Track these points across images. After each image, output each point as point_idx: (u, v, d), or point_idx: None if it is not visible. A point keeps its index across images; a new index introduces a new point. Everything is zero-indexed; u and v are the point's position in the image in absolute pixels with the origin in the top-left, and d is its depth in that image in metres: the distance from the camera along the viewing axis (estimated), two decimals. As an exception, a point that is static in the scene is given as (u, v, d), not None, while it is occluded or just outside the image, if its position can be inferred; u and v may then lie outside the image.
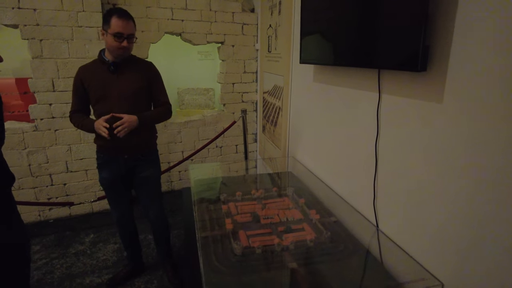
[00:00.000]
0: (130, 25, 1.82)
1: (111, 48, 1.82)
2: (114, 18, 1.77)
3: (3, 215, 1.38)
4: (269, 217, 1.84)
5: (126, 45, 1.81)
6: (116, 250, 2.65)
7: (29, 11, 2.66)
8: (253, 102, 3.84)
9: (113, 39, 1.78)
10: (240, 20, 3.52)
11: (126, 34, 1.80)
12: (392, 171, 1.46)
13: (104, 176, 2.01)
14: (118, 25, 1.76)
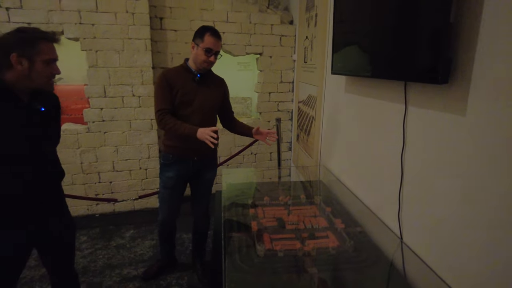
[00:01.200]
0: (219, 43, 2.01)
1: (199, 61, 2.01)
2: (207, 35, 1.96)
3: (54, 204, 1.57)
4: (294, 223, 1.89)
5: (213, 60, 2.01)
6: (152, 246, 2.83)
7: (88, 25, 2.97)
8: (289, 111, 3.91)
9: (203, 53, 1.97)
10: (279, 32, 3.63)
11: (215, 51, 1.99)
12: (417, 183, 1.45)
13: (171, 175, 2.16)
14: (210, 41, 1.96)
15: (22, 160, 1.37)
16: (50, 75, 1.38)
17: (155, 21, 3.26)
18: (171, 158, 2.15)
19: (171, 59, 3.40)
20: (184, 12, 3.34)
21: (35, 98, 1.39)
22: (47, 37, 1.34)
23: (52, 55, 1.36)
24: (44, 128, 1.45)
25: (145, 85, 3.21)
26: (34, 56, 1.30)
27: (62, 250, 1.67)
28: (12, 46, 1.28)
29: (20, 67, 1.29)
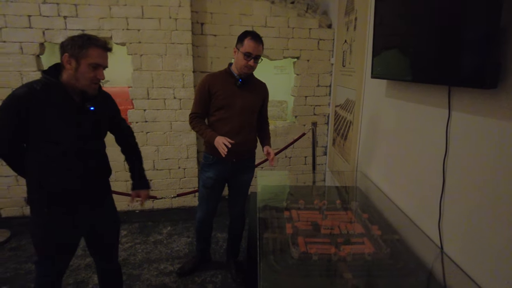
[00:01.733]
0: (259, 47, 2.01)
1: (239, 65, 2.06)
2: (247, 39, 1.99)
3: (102, 198, 1.69)
4: (330, 228, 1.88)
5: (253, 64, 2.03)
6: (188, 243, 2.92)
7: (134, 31, 3.15)
8: (325, 115, 3.88)
9: (243, 57, 2.01)
10: (317, 36, 3.62)
11: (254, 55, 2.01)
12: (461, 191, 1.40)
13: (210, 175, 2.24)
14: (250, 45, 1.98)
15: (72, 156, 1.49)
16: (93, 79, 1.45)
17: (196, 26, 3.38)
18: (211, 159, 2.22)
19: (210, 63, 3.51)
20: (224, 18, 3.43)
21: (87, 99, 1.50)
22: (97, 43, 1.44)
23: (98, 60, 1.44)
24: (94, 127, 1.56)
25: (185, 88, 3.34)
26: (81, 58, 1.40)
27: (107, 241, 1.78)
28: (66, 48, 1.40)
29: (69, 66, 1.41)
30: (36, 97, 1.39)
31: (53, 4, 2.99)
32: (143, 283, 2.40)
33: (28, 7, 2.96)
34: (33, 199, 1.52)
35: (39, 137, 1.44)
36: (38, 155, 1.46)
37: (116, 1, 3.06)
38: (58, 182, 1.48)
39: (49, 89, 1.42)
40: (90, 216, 1.63)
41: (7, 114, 1.39)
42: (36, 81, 1.44)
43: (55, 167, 1.46)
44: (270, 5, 3.49)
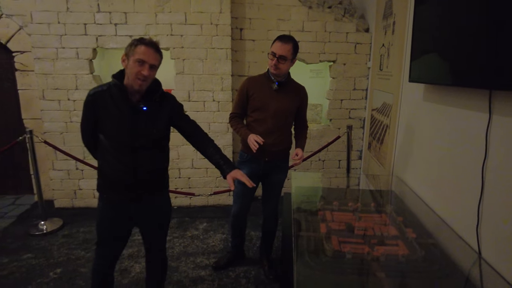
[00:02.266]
0: (284, 47, 2.07)
1: (269, 66, 2.15)
2: (275, 41, 2.10)
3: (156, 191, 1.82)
4: (363, 229, 1.91)
5: (276, 63, 2.09)
6: (223, 239, 3.04)
7: (177, 36, 3.34)
8: (361, 119, 3.86)
9: (269, 57, 2.11)
10: (354, 40, 3.63)
11: (278, 55, 2.07)
12: (500, 195, 1.39)
13: (244, 172, 2.32)
14: (275, 46, 2.09)
15: (124, 150, 1.64)
16: (138, 74, 1.56)
17: (235, 31, 3.52)
18: (246, 157, 2.33)
19: (248, 67, 3.63)
20: (262, 23, 3.54)
21: (146, 98, 1.65)
22: (144, 41, 1.57)
23: (142, 57, 1.54)
24: (147, 126, 1.70)
25: (224, 91, 3.48)
26: (130, 55, 1.56)
27: (157, 233, 1.92)
28: (125, 49, 1.58)
29: (124, 64, 1.59)
30: (102, 96, 1.60)
31: (106, 13, 3.25)
32: (181, 275, 2.54)
33: (84, 16, 3.24)
34: (98, 185, 1.71)
35: (101, 130, 1.63)
36: (102, 146, 1.65)
37: (161, 9, 3.27)
38: (112, 173, 1.64)
39: (113, 89, 1.60)
40: (143, 208, 1.77)
41: (85, 109, 1.65)
42: (106, 83, 1.65)
43: (110, 159, 1.63)
44: (308, 10, 3.55)
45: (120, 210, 1.72)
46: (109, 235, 1.77)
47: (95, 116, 1.60)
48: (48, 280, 2.46)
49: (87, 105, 1.62)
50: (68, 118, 3.44)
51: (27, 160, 3.82)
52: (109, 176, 1.66)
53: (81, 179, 3.61)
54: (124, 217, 1.74)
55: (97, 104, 1.59)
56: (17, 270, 2.57)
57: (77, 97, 3.40)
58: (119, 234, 1.79)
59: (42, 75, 3.34)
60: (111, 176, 1.65)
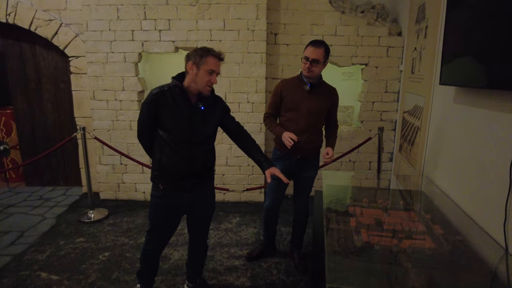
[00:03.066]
0: (316, 51, 2.20)
1: (302, 69, 2.30)
2: (308, 46, 2.23)
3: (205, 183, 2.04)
4: (392, 224, 2.00)
5: (309, 67, 2.23)
6: (255, 233, 3.21)
7: (216, 42, 3.56)
8: (392, 121, 3.90)
9: (302, 60, 2.26)
10: (386, 44, 3.69)
11: (311, 59, 2.21)
12: (526, 194, 1.45)
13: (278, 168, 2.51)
14: (308, 50, 2.23)
15: (183, 145, 1.85)
16: (208, 82, 1.81)
17: (270, 36, 3.69)
18: (279, 154, 2.49)
19: (281, 70, 3.78)
20: (296, 28, 3.69)
21: (201, 99, 1.86)
22: (214, 54, 1.80)
23: (213, 67, 1.79)
24: (203, 123, 1.89)
25: (258, 93, 3.66)
26: (200, 65, 1.76)
27: (202, 222, 2.13)
28: (191, 57, 1.78)
29: (191, 72, 1.78)
30: (164, 95, 1.80)
31: (152, 20, 3.53)
32: (216, 263, 2.73)
33: (132, 24, 3.54)
34: (154, 176, 1.92)
35: (162, 126, 1.83)
36: (161, 141, 1.86)
37: (202, 16, 3.50)
38: (170, 164, 1.85)
39: (173, 90, 1.81)
40: (193, 198, 1.97)
41: (147, 107, 1.83)
42: (167, 84, 1.86)
43: (169, 152, 1.84)
44: (340, 15, 3.66)
45: (174, 198, 1.93)
46: (162, 222, 1.98)
47: (156, 113, 1.81)
48: (99, 262, 2.73)
49: (150, 103, 1.80)
50: (115, 116, 3.76)
51: (76, 155, 4.19)
52: (167, 167, 1.86)
53: (125, 173, 3.91)
54: (177, 205, 1.95)
55: (159, 103, 1.79)
56: (72, 251, 2.87)
57: (123, 97, 3.71)
58: (171, 221, 2.00)
59: (94, 77, 3.68)
60: (169, 167, 1.86)
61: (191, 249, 2.23)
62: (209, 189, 2.10)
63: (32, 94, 4.20)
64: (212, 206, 2.15)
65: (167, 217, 1.97)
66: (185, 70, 1.84)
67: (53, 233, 3.19)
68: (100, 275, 2.56)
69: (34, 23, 3.80)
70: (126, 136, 3.80)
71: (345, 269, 1.63)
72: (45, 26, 3.80)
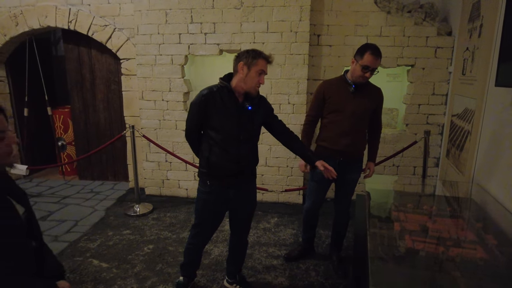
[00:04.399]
0: (377, 61, 2.17)
1: (355, 75, 2.25)
2: (367, 54, 2.15)
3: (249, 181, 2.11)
4: (438, 231, 1.92)
5: (368, 76, 2.22)
6: (293, 234, 3.21)
7: (259, 44, 3.62)
8: (439, 125, 3.73)
9: (360, 69, 2.19)
10: (434, 44, 3.54)
11: (372, 68, 2.18)
12: None
13: (318, 170, 2.38)
14: (369, 60, 2.15)
15: (231, 143, 1.91)
16: (258, 83, 1.89)
17: (313, 38, 3.68)
18: (320, 156, 2.46)
19: (324, 71, 3.76)
20: (340, 29, 3.65)
21: (247, 99, 1.92)
22: (265, 56, 1.88)
23: (263, 68, 1.87)
24: (250, 122, 1.96)
25: (299, 95, 3.66)
26: (252, 66, 1.83)
27: (244, 218, 2.19)
28: (242, 57, 1.85)
29: (242, 72, 1.85)
30: (213, 96, 1.88)
31: (198, 24, 3.66)
32: (255, 261, 2.78)
33: (179, 27, 3.70)
34: (202, 173, 2.01)
35: (211, 126, 1.91)
36: (209, 139, 1.94)
37: (246, 18, 3.58)
38: (219, 162, 1.93)
39: (222, 91, 1.89)
40: (238, 194, 2.05)
41: (196, 108, 1.91)
42: (215, 84, 1.94)
43: (217, 150, 1.92)
44: (386, 15, 3.57)
45: (220, 194, 2.00)
46: (208, 217, 2.07)
47: (206, 114, 1.89)
48: (144, 253, 2.88)
49: (200, 104, 1.88)
50: (162, 116, 3.94)
51: (124, 151, 4.44)
52: (216, 164, 1.93)
53: (169, 170, 4.09)
54: (223, 201, 2.03)
55: (209, 103, 1.87)
56: (120, 242, 3.05)
57: (170, 98, 3.88)
58: (216, 216, 2.08)
59: (142, 79, 3.89)
60: (217, 164, 1.93)
61: (232, 246, 2.29)
62: (252, 186, 2.15)
63: (86, 94, 4.53)
64: (255, 203, 2.21)
65: (213, 212, 2.05)
66: (233, 71, 1.90)
67: (102, 224, 3.42)
68: (145, 266, 2.70)
69: (92, 28, 4.09)
70: (171, 135, 3.97)
71: (389, 273, 1.59)
72: (100, 31, 4.08)
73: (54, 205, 3.88)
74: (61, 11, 4.09)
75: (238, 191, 2.03)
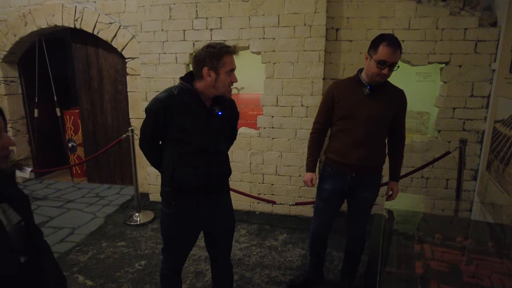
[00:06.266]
0: (396, 54, 1.76)
1: (370, 73, 1.84)
2: (382, 45, 1.75)
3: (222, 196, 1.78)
4: (476, 277, 1.49)
5: (386, 73, 1.79)
6: (302, 255, 2.83)
7: (269, 40, 3.26)
8: (478, 132, 3.20)
9: (375, 65, 1.79)
10: (474, 37, 3.02)
11: (390, 63, 1.77)
12: None
13: (326, 187, 2.11)
14: (385, 52, 1.75)
15: (199, 155, 1.60)
16: (230, 83, 1.59)
17: (330, 32, 3.27)
18: (329, 171, 2.09)
19: (342, 70, 3.34)
20: (362, 22, 3.22)
21: (216, 104, 1.60)
22: (229, 50, 1.55)
23: (232, 66, 1.56)
24: (220, 129, 1.66)
25: (314, 96, 3.27)
26: (219, 68, 1.52)
27: (221, 239, 1.86)
28: (204, 61, 1.51)
29: (209, 78, 1.54)
30: (173, 101, 1.57)
31: (203, 19, 3.37)
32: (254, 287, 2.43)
33: (184, 23, 3.42)
34: (165, 192, 1.70)
35: (173, 136, 1.60)
36: (172, 152, 1.63)
37: (255, 12, 3.23)
38: (185, 178, 1.61)
39: (184, 94, 1.57)
40: (210, 214, 1.72)
41: (152, 116, 1.60)
42: (174, 86, 1.63)
43: (184, 164, 1.60)
44: (416, 5, 3.09)
45: (189, 214, 1.69)
46: (177, 242, 1.75)
47: (165, 121, 1.58)
48: (134, 271, 2.62)
49: (157, 110, 1.57)
50: (165, 118, 3.68)
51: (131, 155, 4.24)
52: (181, 181, 1.62)
53: (173, 176, 3.82)
54: (193, 221, 1.71)
55: (169, 109, 1.56)
56: (112, 256, 2.82)
57: (174, 99, 3.61)
58: (186, 238, 1.77)
59: (146, 79, 3.65)
60: (183, 180, 1.62)
61: (214, 273, 1.96)
62: (226, 201, 1.84)
63: (94, 95, 4.37)
64: (232, 221, 1.88)
65: (181, 236, 1.74)
66: (194, 73, 1.60)
67: (98, 234, 3.21)
68: (131, 286, 2.44)
69: (97, 26, 3.92)
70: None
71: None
72: (105, 29, 3.90)
73: (56, 210, 3.74)
74: (67, 9, 3.95)
75: (210, 210, 1.72)
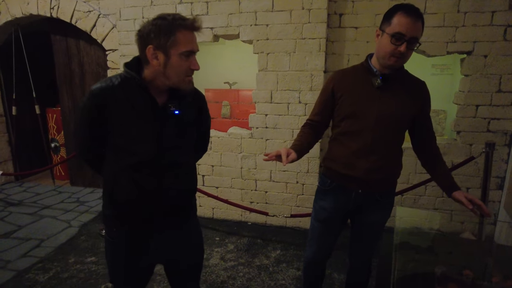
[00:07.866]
0: (416, 26, 1.34)
1: (382, 53, 1.41)
2: (398, 15, 1.34)
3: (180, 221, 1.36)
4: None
5: (404, 50, 1.35)
6: (296, 277, 2.41)
7: (262, 26, 2.85)
8: (506, 133, 2.74)
9: (389, 40, 1.36)
10: (503, 21, 2.56)
11: (408, 37, 1.33)
12: None
13: (325, 205, 1.65)
14: (401, 23, 1.33)
15: (147, 169, 1.19)
16: (188, 71, 1.16)
17: (333, 18, 2.85)
18: (329, 184, 1.62)
19: (347, 61, 2.92)
20: (369, 5, 2.79)
21: (173, 98, 1.19)
22: (186, 24, 1.12)
23: (190, 47, 1.13)
24: (178, 135, 1.24)
25: (313, 91, 2.85)
26: (170, 48, 1.10)
27: (186, 272, 1.46)
28: (149, 37, 1.10)
29: (155, 62, 1.12)
30: (113, 94, 1.15)
31: (188, 4, 2.98)
32: (238, 318, 2.03)
33: (166, 9, 3.03)
34: (106, 216, 1.30)
35: (114, 142, 1.20)
36: (113, 165, 1.22)
37: (246, -6, 2.83)
38: (127, 199, 1.21)
39: (128, 86, 1.16)
40: (166, 242, 1.32)
41: (86, 115, 1.19)
42: (116, 75, 1.20)
43: (124, 182, 1.19)
44: (434, -16, 2.65)
45: (136, 245, 1.28)
46: (125, 275, 1.35)
47: (98, 120, 1.17)
48: (98, 294, 2.24)
49: (92, 107, 1.15)
50: (148, 117, 3.30)
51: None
52: (123, 203, 1.22)
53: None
54: (142, 254, 1.30)
55: (103, 105, 1.14)
56: (76, 275, 2.44)
57: (156, 95, 3.23)
58: (135, 273, 1.35)
59: (127, 73, 3.27)
60: (125, 203, 1.22)
61: None
62: (190, 225, 1.41)
63: (76, 91, 4.03)
64: (199, 247, 1.48)
65: (129, 269, 1.33)
66: (141, 57, 1.17)
67: (68, 246, 2.84)
68: (91, 315, 2.06)
69: (75, 15, 3.57)
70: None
71: None
72: (84, 18, 3.54)
73: (27, 217, 3.38)
74: (43, -4, 3.59)
75: (166, 237, 1.31)
